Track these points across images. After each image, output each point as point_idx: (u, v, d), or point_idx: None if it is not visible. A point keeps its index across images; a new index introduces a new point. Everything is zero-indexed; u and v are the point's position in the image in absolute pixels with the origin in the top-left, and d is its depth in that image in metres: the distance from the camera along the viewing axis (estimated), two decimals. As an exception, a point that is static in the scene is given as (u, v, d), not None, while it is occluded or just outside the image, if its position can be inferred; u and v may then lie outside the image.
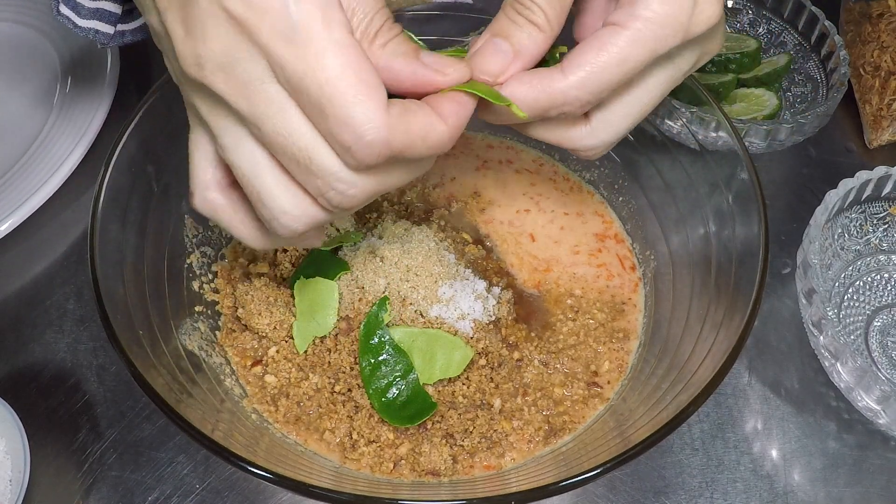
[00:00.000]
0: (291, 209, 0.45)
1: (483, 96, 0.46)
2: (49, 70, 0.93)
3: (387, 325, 0.66)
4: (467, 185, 0.81)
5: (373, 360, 0.64)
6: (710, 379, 0.51)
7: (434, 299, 0.68)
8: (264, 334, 0.68)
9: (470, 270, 0.72)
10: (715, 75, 0.87)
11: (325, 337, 0.67)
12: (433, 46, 0.82)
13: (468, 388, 0.65)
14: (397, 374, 0.64)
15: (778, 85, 0.90)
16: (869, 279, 0.77)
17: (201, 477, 0.64)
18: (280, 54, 0.40)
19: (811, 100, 0.87)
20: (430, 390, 0.65)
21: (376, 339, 0.65)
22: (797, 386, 0.71)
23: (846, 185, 0.73)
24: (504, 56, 0.48)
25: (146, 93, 0.64)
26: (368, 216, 0.77)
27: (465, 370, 0.66)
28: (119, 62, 0.91)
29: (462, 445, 0.62)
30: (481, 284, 0.71)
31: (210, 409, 0.58)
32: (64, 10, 0.66)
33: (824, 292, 0.75)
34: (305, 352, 0.67)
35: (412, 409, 0.63)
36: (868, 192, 0.76)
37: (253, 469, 0.48)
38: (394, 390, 0.63)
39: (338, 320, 0.68)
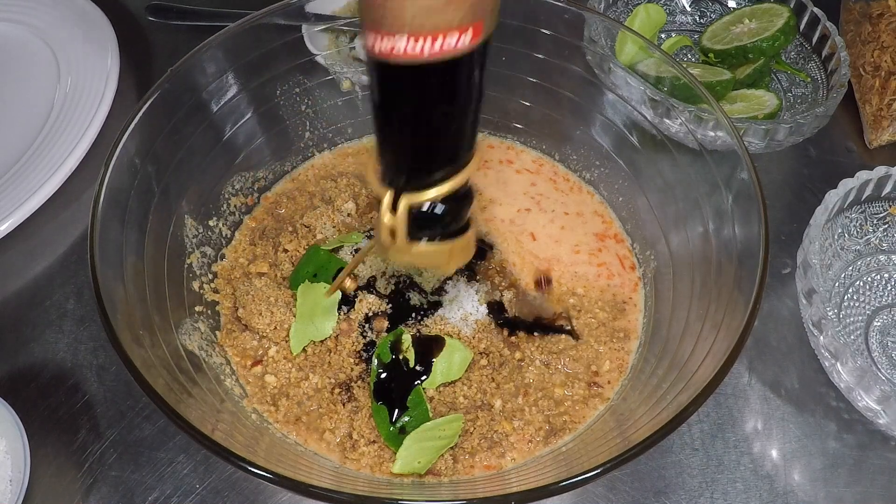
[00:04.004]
0: None
1: None
2: (49, 70, 0.93)
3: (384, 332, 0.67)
4: (467, 185, 0.81)
5: (387, 410, 0.63)
6: (710, 379, 0.51)
7: (437, 299, 0.68)
8: (264, 334, 0.68)
9: (472, 271, 0.72)
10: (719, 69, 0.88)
11: (324, 339, 0.67)
12: (433, 46, 0.83)
13: (469, 388, 0.65)
14: (411, 420, 0.63)
15: (767, 80, 0.90)
16: (869, 279, 0.77)
17: (201, 477, 0.64)
18: None
19: (812, 100, 0.87)
20: (432, 391, 0.65)
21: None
22: (797, 386, 0.71)
23: (846, 185, 0.73)
24: None
25: (146, 93, 0.64)
26: (370, 216, 0.77)
27: (466, 370, 0.66)
28: (119, 62, 0.91)
29: (462, 446, 0.62)
30: (484, 284, 0.71)
31: (210, 409, 0.58)
32: None
33: (824, 292, 0.75)
34: (305, 351, 0.67)
35: None
36: (868, 192, 0.76)
37: (253, 469, 0.48)
38: (405, 428, 0.63)
39: (338, 322, 0.68)
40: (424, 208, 0.46)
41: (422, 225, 0.46)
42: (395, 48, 0.37)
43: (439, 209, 0.46)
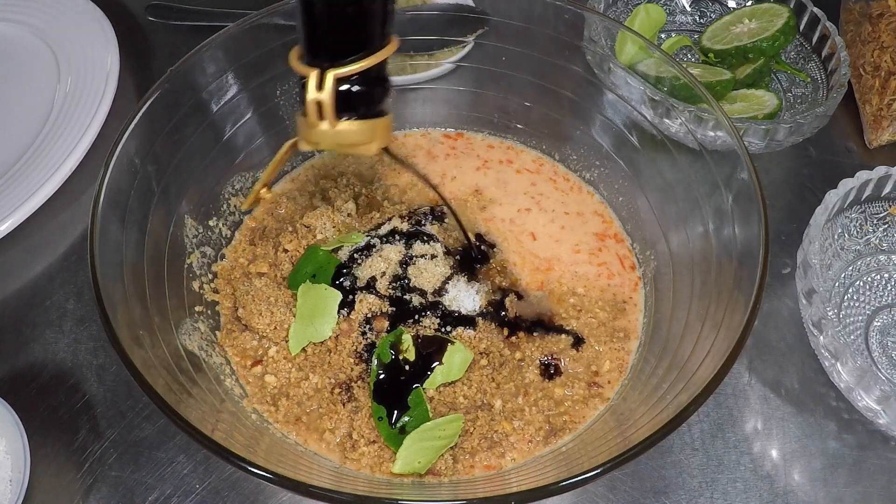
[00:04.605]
0: None
1: None
2: (49, 70, 0.93)
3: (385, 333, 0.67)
4: (468, 184, 0.81)
5: (387, 411, 0.63)
6: (710, 379, 0.51)
7: (437, 299, 0.68)
8: (264, 334, 0.68)
9: (473, 271, 0.72)
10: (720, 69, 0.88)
11: (323, 340, 0.67)
12: (433, 46, 0.83)
13: (469, 388, 0.65)
14: (411, 420, 0.63)
15: (767, 80, 0.90)
16: (869, 279, 0.77)
17: (201, 477, 0.64)
18: None
19: (812, 100, 0.87)
20: (432, 391, 0.65)
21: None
22: (797, 386, 0.71)
23: (846, 185, 0.73)
24: None
25: (146, 93, 0.64)
26: (370, 216, 0.77)
27: (466, 371, 0.66)
28: (119, 62, 0.91)
29: (462, 446, 0.62)
30: (484, 284, 0.71)
31: (210, 409, 0.58)
32: None
33: (824, 292, 0.75)
34: (305, 352, 0.67)
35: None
36: (868, 192, 0.76)
37: (253, 469, 0.48)
38: (405, 428, 0.63)
39: (339, 322, 0.68)
40: (347, 86, 0.51)
41: (346, 102, 0.51)
42: None
43: (360, 87, 0.51)
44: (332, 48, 0.50)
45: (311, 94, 0.51)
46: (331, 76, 0.50)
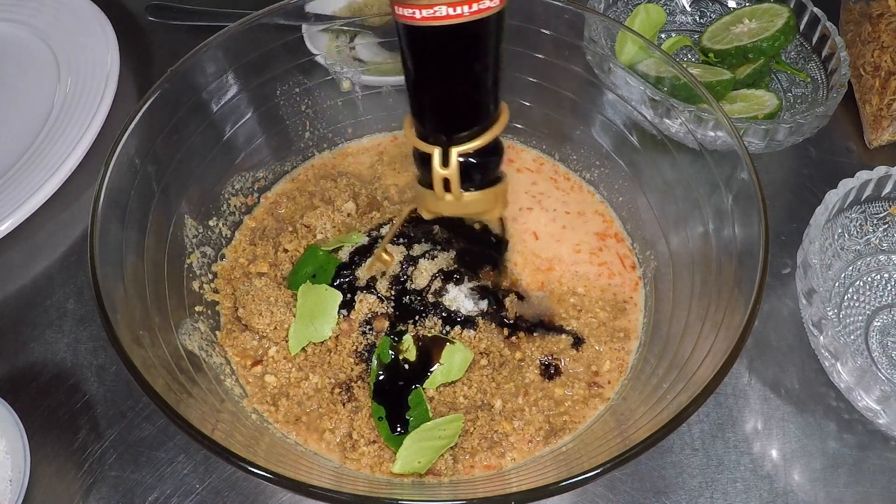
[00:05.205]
0: None
1: None
2: (49, 70, 0.93)
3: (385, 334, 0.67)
4: (468, 185, 0.81)
5: (387, 410, 0.64)
6: (710, 379, 0.51)
7: (437, 299, 0.68)
8: (264, 334, 0.68)
9: (473, 271, 0.72)
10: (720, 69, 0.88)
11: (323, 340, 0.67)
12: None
13: (469, 388, 0.65)
14: (411, 420, 0.63)
15: (767, 80, 0.90)
16: (869, 279, 0.77)
17: (201, 477, 0.64)
18: None
19: (811, 100, 0.87)
20: (432, 391, 0.65)
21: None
22: (797, 386, 0.71)
23: (846, 185, 0.73)
24: None
25: (146, 93, 0.64)
26: (370, 216, 0.77)
27: (466, 371, 0.66)
28: (119, 62, 0.91)
29: (462, 446, 0.62)
30: (485, 284, 0.71)
31: (210, 409, 0.58)
32: None
33: (824, 292, 0.75)
34: (305, 351, 0.67)
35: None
36: (868, 192, 0.76)
37: (253, 469, 0.48)
38: (406, 429, 0.63)
39: (339, 323, 0.68)
40: (470, 159, 0.52)
41: (470, 174, 0.53)
42: (436, 12, 0.42)
43: (481, 159, 0.53)
44: (452, 127, 0.51)
45: (438, 170, 0.52)
46: (455, 154, 0.51)
